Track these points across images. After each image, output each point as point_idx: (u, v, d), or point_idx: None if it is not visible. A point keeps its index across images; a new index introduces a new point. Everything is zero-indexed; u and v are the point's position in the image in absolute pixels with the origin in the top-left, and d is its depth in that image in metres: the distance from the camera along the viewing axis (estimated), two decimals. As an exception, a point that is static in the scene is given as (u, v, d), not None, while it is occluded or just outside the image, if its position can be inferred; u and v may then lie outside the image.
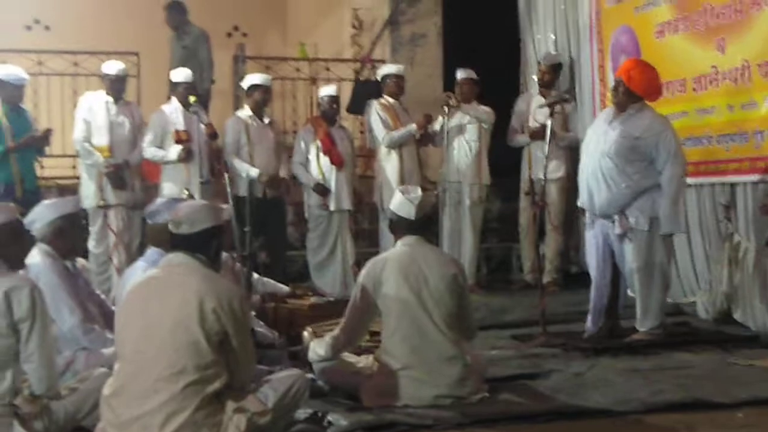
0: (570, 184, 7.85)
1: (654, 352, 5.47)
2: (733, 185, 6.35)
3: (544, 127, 6.81)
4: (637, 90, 5.68)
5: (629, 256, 5.69)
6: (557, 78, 8.01)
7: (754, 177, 6.13)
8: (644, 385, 4.63)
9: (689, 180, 6.51)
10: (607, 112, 5.93)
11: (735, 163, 6.30)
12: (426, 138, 7.90)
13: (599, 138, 5.75)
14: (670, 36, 6.83)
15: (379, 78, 8.04)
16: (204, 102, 8.06)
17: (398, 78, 7.84)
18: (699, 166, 6.54)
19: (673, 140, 5.67)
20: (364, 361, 4.52)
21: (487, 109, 7.90)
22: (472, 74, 7.95)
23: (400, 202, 4.53)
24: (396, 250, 4.55)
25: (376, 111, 7.72)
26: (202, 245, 3.67)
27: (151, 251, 4.65)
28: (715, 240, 6.54)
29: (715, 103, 6.44)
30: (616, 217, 5.66)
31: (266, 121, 7.56)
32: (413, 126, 7.66)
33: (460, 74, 7.97)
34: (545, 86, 7.95)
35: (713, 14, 6.42)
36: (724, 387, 4.57)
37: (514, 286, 8.19)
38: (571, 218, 8.06)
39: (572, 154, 7.82)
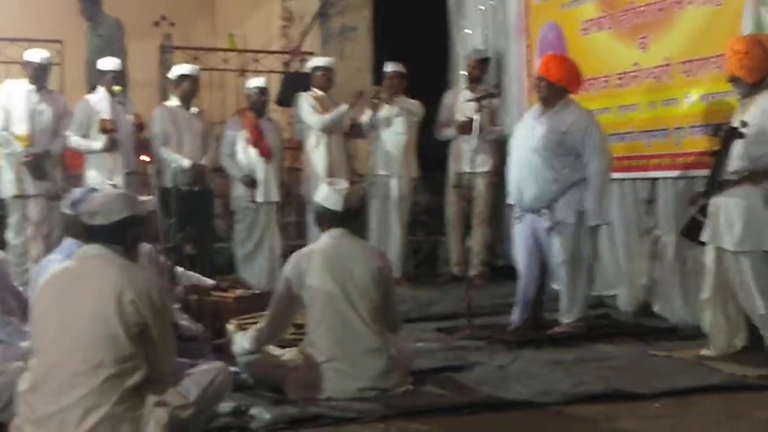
0: (497, 178, 7.92)
1: (576, 344, 5.56)
2: (654, 180, 6.47)
3: (471, 121, 6.87)
4: (557, 82, 5.77)
5: (556, 249, 5.78)
6: (485, 73, 8.07)
7: (675, 173, 6.25)
8: (566, 377, 4.71)
9: (612, 175, 6.64)
10: (534, 109, 6.00)
11: (656, 158, 6.42)
12: (355, 130, 7.90)
13: (527, 134, 5.83)
14: (595, 33, 6.93)
15: (308, 70, 8.01)
16: None
17: (327, 71, 7.83)
18: (621, 162, 6.63)
19: (598, 134, 5.77)
20: (288, 354, 4.50)
21: (415, 102, 7.93)
22: (401, 68, 7.97)
23: (326, 193, 4.53)
24: (322, 242, 4.54)
25: (305, 101, 7.70)
26: (118, 236, 3.60)
27: (68, 243, 4.54)
28: (636, 234, 6.66)
29: (637, 100, 6.55)
30: (545, 211, 5.74)
31: (194, 111, 7.48)
32: (345, 106, 7.64)
33: (389, 67, 7.99)
34: (473, 81, 8.01)
35: (637, 12, 6.53)
36: (643, 378, 4.66)
37: (441, 279, 8.24)
38: (498, 212, 8.13)
39: (499, 148, 7.88)
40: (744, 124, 4.88)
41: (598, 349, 5.47)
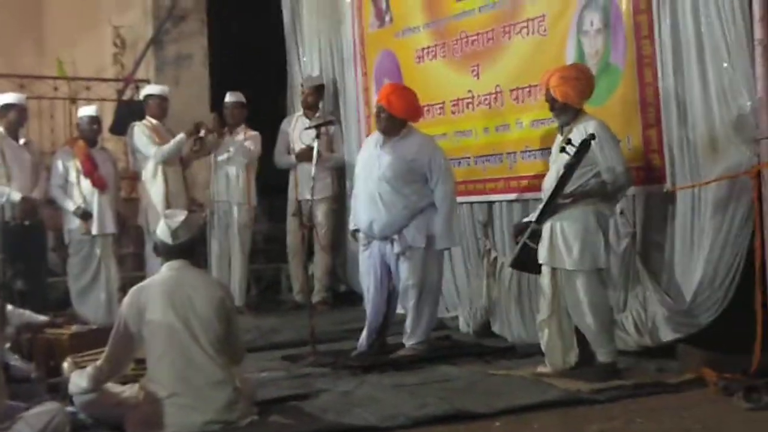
0: (337, 204, 7.99)
1: (419, 367, 5.64)
2: (490, 204, 6.67)
3: (310, 148, 6.90)
4: (398, 114, 5.87)
5: (405, 273, 5.86)
6: (320, 99, 8.13)
7: (510, 196, 6.46)
8: (410, 400, 4.75)
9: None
10: (375, 138, 6.06)
11: (492, 182, 6.62)
12: (202, 148, 7.74)
13: (373, 163, 5.89)
14: (429, 61, 7.10)
15: (142, 98, 7.86)
16: None
17: (161, 99, 7.70)
18: (459, 186, 6.79)
19: (442, 160, 5.93)
20: (128, 391, 4.37)
21: (253, 134, 7.91)
22: (241, 97, 7.95)
23: (161, 226, 4.46)
24: (161, 275, 4.45)
25: (140, 131, 7.54)
26: None
27: None
28: (474, 256, 6.84)
29: (472, 125, 6.75)
30: (395, 237, 5.82)
31: (22, 141, 7.21)
32: (182, 135, 7.52)
33: (228, 98, 7.94)
34: (309, 108, 8.05)
35: (468, 41, 6.73)
36: (484, 398, 4.77)
37: (285, 306, 8.22)
38: (339, 237, 8.18)
39: (338, 174, 7.96)
40: (569, 141, 5.08)
41: (440, 370, 5.56)
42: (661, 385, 4.89)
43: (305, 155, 7.53)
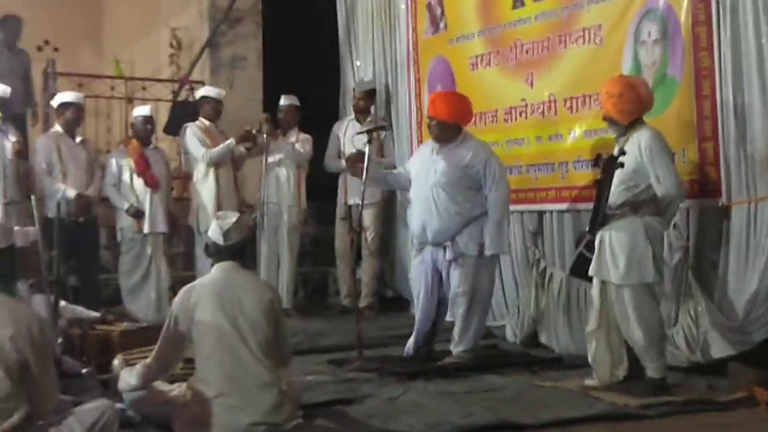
0: (385, 209, 7.99)
1: (465, 375, 5.62)
2: (540, 213, 6.63)
3: (360, 153, 6.89)
4: (447, 119, 5.86)
5: (456, 280, 5.84)
6: (372, 104, 8.14)
7: (561, 206, 6.42)
8: (455, 408, 4.74)
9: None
10: (431, 144, 6.04)
11: (543, 191, 6.58)
12: (254, 148, 7.77)
13: (428, 168, 5.89)
14: (483, 68, 7.08)
15: (196, 99, 7.93)
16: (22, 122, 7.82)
17: (216, 102, 7.76)
18: (510, 194, 6.78)
19: (497, 166, 5.89)
20: (177, 390, 4.40)
21: (305, 136, 7.93)
22: (295, 101, 7.98)
23: (212, 227, 4.49)
24: (211, 275, 4.48)
25: (192, 133, 7.60)
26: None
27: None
28: (523, 265, 6.80)
29: (524, 134, 6.71)
30: (447, 243, 5.81)
31: (78, 140, 7.32)
32: (231, 140, 7.57)
33: (283, 101, 7.98)
34: (360, 112, 8.07)
35: (523, 50, 6.70)
36: (529, 408, 4.73)
37: (331, 310, 8.23)
38: (387, 243, 8.17)
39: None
40: (623, 152, 5.03)
41: (486, 379, 5.53)
42: (711, 403, 4.81)
43: (354, 161, 7.55)
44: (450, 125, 5.87)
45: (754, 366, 4.99)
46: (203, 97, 7.82)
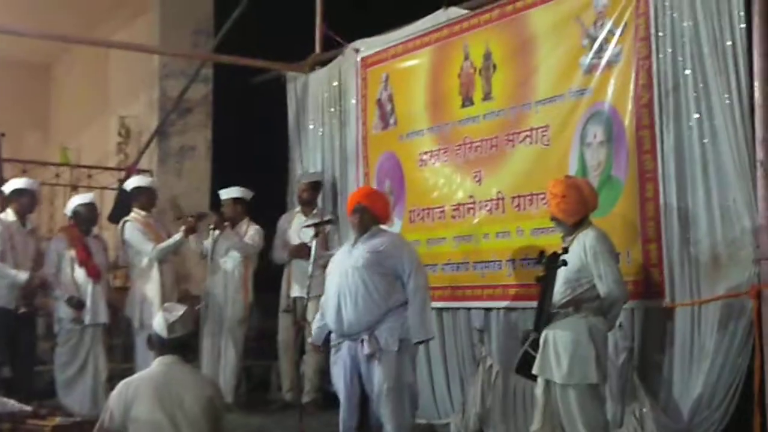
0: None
1: (409, 474, 5.50)
2: (487, 310, 6.61)
3: (302, 245, 6.88)
4: (378, 214, 5.90)
5: (378, 377, 5.71)
6: (317, 196, 8.12)
7: (507, 303, 6.41)
8: None
9: (447, 304, 6.75)
10: (346, 244, 6.03)
11: (490, 289, 6.57)
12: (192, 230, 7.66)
13: (344, 258, 5.85)
14: (432, 165, 7.13)
15: (128, 189, 7.83)
16: None
17: (151, 191, 7.68)
18: (455, 291, 6.77)
19: (414, 254, 5.89)
20: (109, 489, 4.24)
21: (255, 228, 7.88)
22: (234, 193, 7.90)
23: (157, 319, 4.40)
24: (151, 369, 4.37)
25: (133, 227, 7.49)
26: None
27: None
28: (469, 363, 6.74)
29: (472, 231, 6.73)
30: (365, 336, 5.72)
31: (29, 228, 7.20)
32: (180, 236, 7.49)
33: (223, 195, 7.94)
34: (305, 204, 8.04)
35: (471, 147, 6.77)
36: None
37: (274, 405, 8.05)
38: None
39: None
40: (566, 250, 5.07)
41: (429, 479, 5.43)
42: (657, 508, 4.76)
43: (297, 252, 7.53)
44: (374, 218, 5.90)
45: (700, 470, 4.96)
46: (136, 188, 7.71)
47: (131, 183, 7.86)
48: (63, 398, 7.05)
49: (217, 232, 7.60)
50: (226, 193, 7.93)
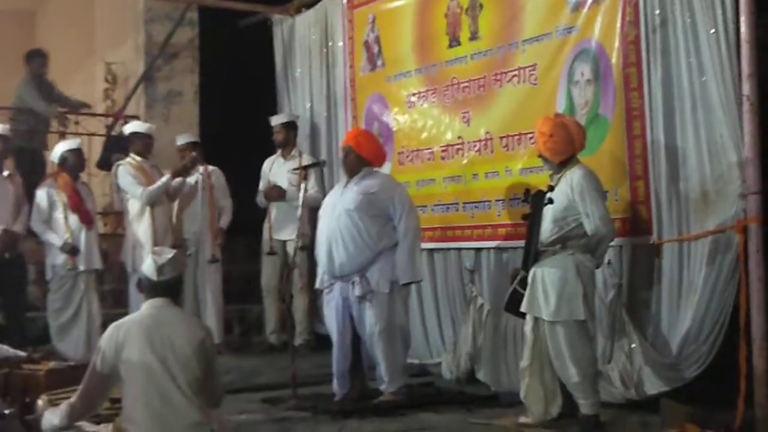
0: (313, 245, 7.93)
1: (400, 413, 5.58)
2: (478, 250, 6.64)
3: (275, 187, 6.94)
4: (366, 156, 5.94)
5: (370, 319, 5.78)
6: (292, 136, 8.08)
7: (497, 243, 6.44)
8: (390, 447, 4.70)
9: (437, 245, 6.78)
10: (338, 184, 6.11)
11: (479, 229, 6.60)
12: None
13: (336, 200, 5.89)
14: (420, 106, 7.11)
15: (125, 134, 7.80)
16: None
17: (147, 137, 7.63)
18: (446, 232, 6.80)
19: (406, 196, 5.94)
20: (103, 430, 4.28)
21: (212, 169, 7.98)
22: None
23: (147, 262, 4.39)
24: (141, 312, 4.38)
25: (125, 171, 7.43)
26: None
27: None
28: (460, 302, 6.79)
29: (461, 171, 6.74)
30: (356, 278, 5.76)
31: (5, 174, 7.16)
32: (167, 177, 7.45)
33: (180, 140, 8.04)
34: (280, 146, 8.04)
35: (459, 88, 6.75)
36: (464, 447, 4.72)
37: (260, 347, 8.11)
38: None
39: (314, 215, 7.92)
40: (551, 188, 5.10)
41: (421, 417, 5.50)
42: (644, 440, 4.84)
43: (269, 194, 7.65)
44: (365, 160, 5.91)
45: (687, 402, 5.02)
46: (133, 133, 7.66)
47: (129, 128, 7.82)
48: (57, 344, 7.07)
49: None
50: (184, 138, 8.05)
